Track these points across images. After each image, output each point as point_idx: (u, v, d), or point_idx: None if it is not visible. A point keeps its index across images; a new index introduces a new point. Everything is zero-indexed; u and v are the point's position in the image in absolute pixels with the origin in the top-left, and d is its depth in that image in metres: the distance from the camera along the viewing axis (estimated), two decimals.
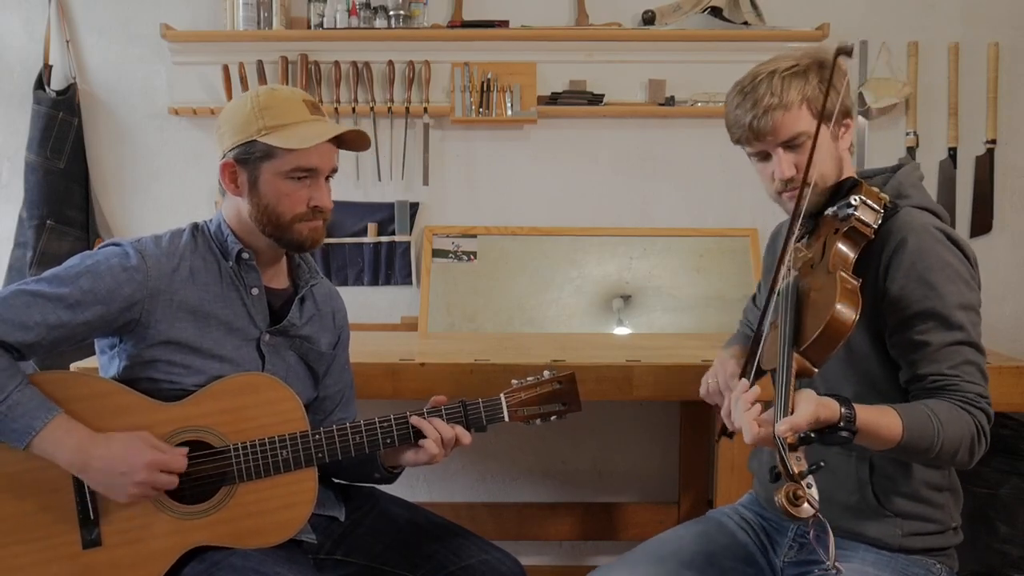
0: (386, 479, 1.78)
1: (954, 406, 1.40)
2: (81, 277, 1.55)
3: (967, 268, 1.47)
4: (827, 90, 1.46)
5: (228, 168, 1.65)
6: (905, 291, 1.44)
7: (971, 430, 1.40)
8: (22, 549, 1.53)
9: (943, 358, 1.43)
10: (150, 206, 3.05)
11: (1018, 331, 3.05)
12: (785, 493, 1.21)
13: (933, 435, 1.37)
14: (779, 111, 1.48)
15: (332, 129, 1.63)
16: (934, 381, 1.43)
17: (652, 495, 3.06)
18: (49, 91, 2.95)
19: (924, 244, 1.45)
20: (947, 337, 1.42)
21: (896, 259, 1.46)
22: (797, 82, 1.48)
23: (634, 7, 2.98)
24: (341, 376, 1.86)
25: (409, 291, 3.04)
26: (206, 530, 1.58)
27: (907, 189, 1.55)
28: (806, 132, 1.48)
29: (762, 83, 1.49)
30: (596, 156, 3.05)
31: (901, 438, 1.36)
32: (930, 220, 1.49)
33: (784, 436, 1.24)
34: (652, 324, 2.92)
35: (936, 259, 1.44)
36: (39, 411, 1.48)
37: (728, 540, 1.66)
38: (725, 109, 1.57)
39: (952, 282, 1.44)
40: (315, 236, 1.66)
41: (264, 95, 1.64)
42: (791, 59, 1.51)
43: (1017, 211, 3.04)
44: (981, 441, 1.42)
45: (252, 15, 2.90)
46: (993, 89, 2.98)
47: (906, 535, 1.53)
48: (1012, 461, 2.62)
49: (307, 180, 1.63)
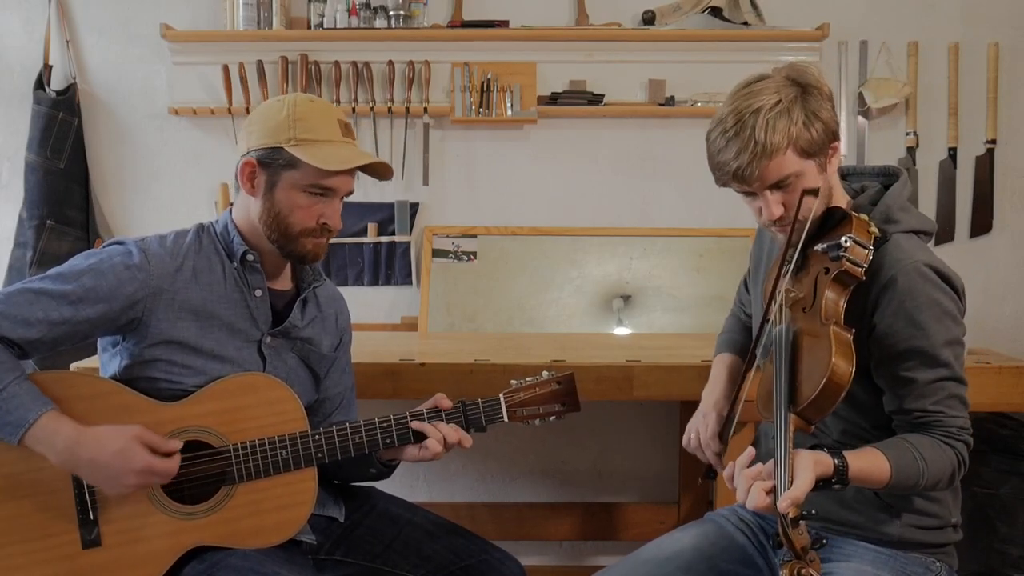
0: (382, 474, 1.78)
1: (937, 442, 1.46)
2: (84, 275, 1.56)
3: (955, 303, 1.49)
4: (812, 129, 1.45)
5: (248, 167, 1.64)
6: (893, 329, 1.47)
7: (952, 463, 1.47)
8: (21, 549, 1.53)
9: (928, 394, 1.47)
10: (150, 206, 3.05)
11: (1018, 331, 3.05)
12: (789, 571, 1.24)
13: (918, 475, 1.43)
14: (764, 159, 1.44)
15: (360, 157, 1.64)
16: (919, 417, 1.48)
17: (652, 495, 3.06)
18: (49, 91, 2.95)
19: (913, 284, 1.46)
20: (932, 375, 1.46)
21: (885, 297, 1.47)
22: (782, 123, 1.44)
23: (634, 7, 2.98)
24: (341, 379, 1.86)
25: (409, 291, 3.04)
26: (206, 530, 1.58)
27: (896, 213, 1.55)
28: (794, 173, 1.47)
29: (747, 124, 1.44)
30: (596, 156, 3.05)
31: (889, 481, 1.42)
32: (920, 255, 1.49)
33: (786, 512, 1.27)
34: (652, 324, 2.92)
35: (925, 299, 1.46)
36: (33, 404, 1.48)
37: (727, 542, 1.67)
38: (708, 148, 1.51)
39: (939, 321, 1.46)
40: (317, 251, 1.67)
41: (302, 105, 1.64)
42: (773, 91, 1.46)
43: (1017, 211, 3.04)
44: (961, 470, 1.49)
45: (252, 15, 2.90)
46: (993, 89, 2.98)
47: (905, 526, 1.54)
48: (1012, 461, 2.63)
49: (322, 197, 1.63)
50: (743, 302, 1.93)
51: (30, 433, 1.47)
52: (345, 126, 1.66)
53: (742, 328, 1.90)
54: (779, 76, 1.49)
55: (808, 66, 1.54)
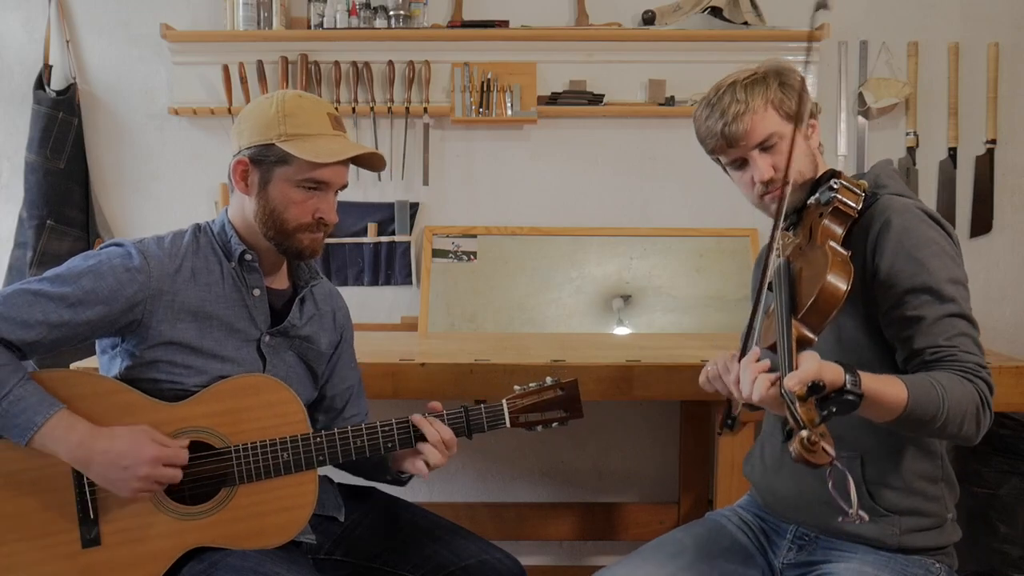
0: (397, 482, 1.79)
1: (955, 375, 1.41)
2: (83, 277, 1.56)
3: (951, 246, 1.51)
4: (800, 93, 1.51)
5: (241, 166, 1.65)
6: (895, 268, 1.47)
7: (975, 399, 1.40)
8: (21, 547, 1.53)
9: (938, 331, 1.44)
10: (150, 206, 3.05)
11: (1018, 331, 3.05)
12: (800, 441, 1.18)
13: (938, 402, 1.36)
14: (747, 115, 1.53)
15: (351, 148, 1.65)
16: (932, 353, 1.44)
17: (652, 495, 3.06)
18: (49, 91, 2.95)
19: (909, 223, 1.48)
20: (940, 310, 1.44)
21: (882, 239, 1.49)
22: (759, 88, 1.54)
23: (634, 7, 2.99)
24: (348, 374, 1.87)
25: (409, 291, 3.04)
26: (206, 531, 1.58)
27: (884, 180, 1.59)
28: (777, 132, 1.54)
29: (726, 94, 1.55)
30: (596, 156, 3.05)
31: (906, 405, 1.35)
32: (911, 202, 1.53)
33: (792, 389, 1.25)
34: (652, 324, 2.92)
35: (922, 236, 1.48)
36: (41, 406, 1.49)
37: (727, 542, 1.67)
38: (695, 124, 1.62)
39: (938, 257, 1.47)
40: (315, 247, 1.67)
41: (290, 101, 1.64)
42: (749, 71, 1.57)
43: (1017, 211, 3.04)
44: (985, 411, 1.42)
45: (252, 15, 2.90)
46: (993, 89, 2.98)
47: (904, 533, 1.54)
48: (1012, 461, 2.63)
49: (316, 192, 1.64)
50: None
51: (38, 435, 1.48)
52: (335, 119, 1.66)
53: None
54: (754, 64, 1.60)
55: (785, 61, 1.62)
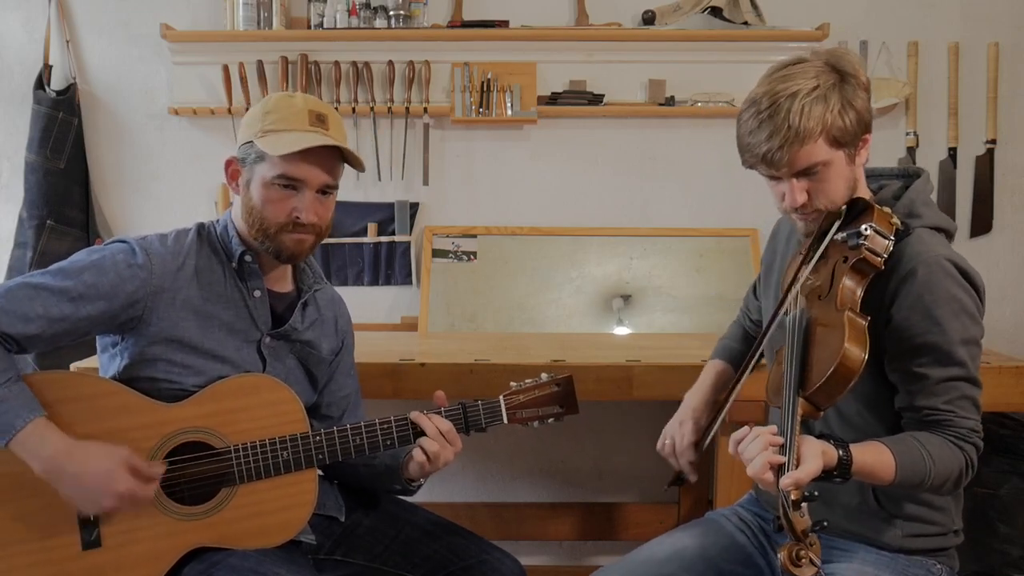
0: (407, 491, 1.77)
1: (946, 441, 1.43)
2: (85, 272, 1.56)
3: (974, 301, 1.46)
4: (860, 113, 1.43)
5: (231, 165, 1.66)
6: (909, 322, 1.44)
7: (960, 465, 1.43)
8: (22, 549, 1.53)
9: (940, 392, 1.44)
10: (150, 206, 3.05)
11: (1018, 331, 3.05)
12: (788, 553, 1.22)
13: (925, 473, 1.40)
14: (796, 145, 1.41)
15: (311, 140, 1.58)
16: (929, 415, 1.44)
17: (652, 495, 3.06)
18: (49, 91, 2.95)
19: (933, 278, 1.43)
20: (945, 373, 1.43)
21: (904, 289, 1.44)
22: (818, 109, 1.40)
23: (634, 7, 2.98)
24: (346, 381, 1.86)
25: (409, 291, 3.04)
26: (206, 531, 1.58)
27: (919, 208, 1.52)
28: (822, 161, 1.44)
29: (781, 108, 1.41)
30: (596, 156, 3.05)
31: (894, 477, 1.39)
32: (942, 250, 1.47)
33: (788, 491, 1.25)
34: (652, 324, 2.92)
35: (944, 293, 1.43)
36: (22, 410, 1.46)
37: (727, 542, 1.67)
38: (738, 128, 1.49)
39: (957, 317, 1.43)
40: (298, 248, 1.64)
41: (275, 99, 1.64)
42: (812, 75, 1.42)
43: (1017, 211, 3.04)
44: (968, 473, 1.45)
45: (252, 15, 2.90)
46: (993, 89, 2.98)
47: (906, 536, 1.53)
48: (1012, 461, 2.63)
49: (293, 191, 1.61)
50: (749, 308, 1.91)
51: (16, 439, 1.46)
52: (316, 116, 1.62)
53: (743, 336, 1.89)
54: (818, 61, 1.46)
55: (848, 52, 1.51)
